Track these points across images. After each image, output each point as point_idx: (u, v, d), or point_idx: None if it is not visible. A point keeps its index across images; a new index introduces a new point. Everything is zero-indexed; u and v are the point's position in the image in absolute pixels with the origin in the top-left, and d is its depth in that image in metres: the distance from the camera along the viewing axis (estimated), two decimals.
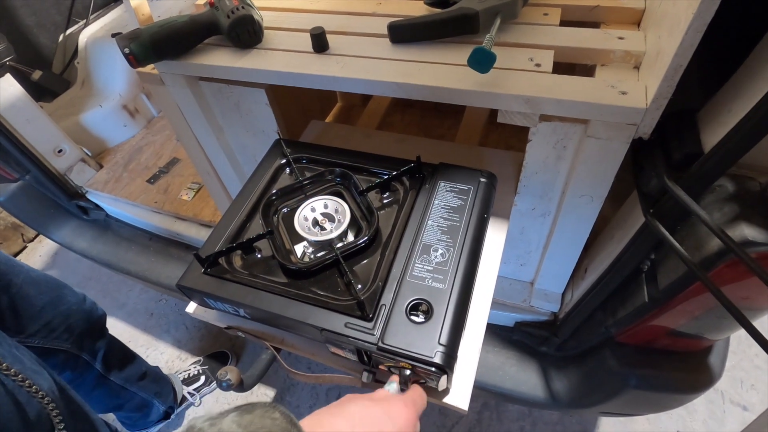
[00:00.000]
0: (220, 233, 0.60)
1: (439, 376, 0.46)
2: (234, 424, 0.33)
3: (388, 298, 0.51)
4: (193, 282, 0.56)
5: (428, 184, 0.62)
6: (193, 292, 0.57)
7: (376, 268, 0.55)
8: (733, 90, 0.53)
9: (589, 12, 0.69)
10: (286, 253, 0.58)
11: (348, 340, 0.48)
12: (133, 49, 0.67)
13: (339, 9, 0.77)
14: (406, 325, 0.49)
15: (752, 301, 0.55)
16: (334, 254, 0.54)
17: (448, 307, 0.50)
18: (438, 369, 0.46)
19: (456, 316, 0.49)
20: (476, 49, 0.54)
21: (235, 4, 0.70)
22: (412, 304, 0.50)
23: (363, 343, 0.48)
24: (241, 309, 0.56)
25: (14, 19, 1.42)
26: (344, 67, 0.64)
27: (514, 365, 0.93)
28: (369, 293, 0.52)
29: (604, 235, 0.80)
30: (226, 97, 0.78)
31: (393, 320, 0.49)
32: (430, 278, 0.52)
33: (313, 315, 0.50)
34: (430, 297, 0.51)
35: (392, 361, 0.48)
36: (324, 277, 0.55)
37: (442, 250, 0.55)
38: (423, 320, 0.49)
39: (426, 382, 0.49)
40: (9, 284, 0.82)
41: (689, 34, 0.43)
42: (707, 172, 0.48)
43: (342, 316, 0.50)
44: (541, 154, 0.64)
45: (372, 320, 0.49)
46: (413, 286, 0.52)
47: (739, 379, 1.32)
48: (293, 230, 0.59)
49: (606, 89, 0.54)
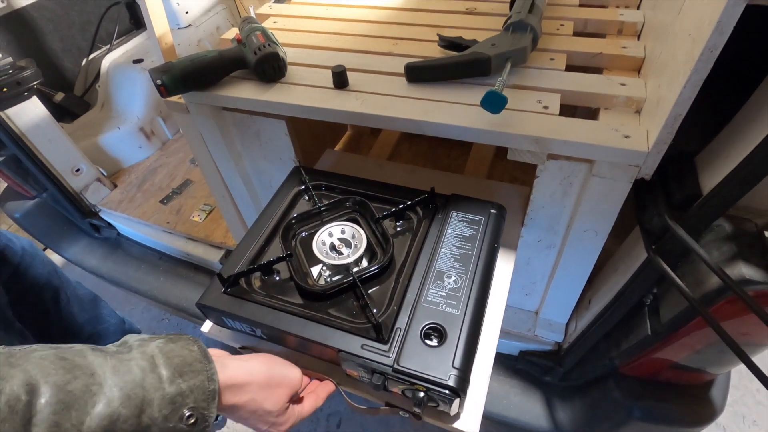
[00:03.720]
0: (240, 254, 0.63)
1: (452, 399, 0.48)
2: (156, 349, 0.39)
3: (403, 322, 0.53)
4: (213, 301, 0.58)
5: (441, 213, 0.65)
6: (212, 311, 0.59)
7: (391, 292, 0.57)
8: (729, 136, 0.57)
9: (592, 58, 0.73)
10: (304, 276, 0.60)
11: (364, 361, 0.50)
12: (165, 80, 0.72)
13: (358, 48, 0.82)
14: (421, 348, 0.50)
15: (752, 337, 0.57)
16: (351, 278, 0.56)
17: (461, 332, 0.51)
18: (452, 392, 0.47)
19: (469, 340, 0.51)
20: (489, 92, 0.58)
21: (261, 42, 0.74)
22: (426, 329, 0.52)
23: (378, 364, 0.49)
24: (258, 329, 0.58)
25: (42, 43, 1.49)
26: (363, 103, 0.69)
27: (519, 394, 0.94)
28: (384, 317, 0.54)
29: (608, 268, 0.83)
30: (247, 126, 0.82)
31: (408, 343, 0.51)
32: (443, 303, 0.54)
33: (330, 336, 0.52)
34: (443, 321, 0.53)
35: (407, 384, 0.50)
36: (340, 300, 0.57)
37: (455, 276, 0.57)
38: (437, 344, 0.51)
39: (438, 405, 0.51)
40: (58, 298, 0.84)
41: (687, 87, 0.47)
42: (706, 213, 0.51)
43: (358, 338, 0.52)
44: (547, 189, 0.67)
45: (387, 343, 0.51)
46: (427, 310, 0.54)
47: (740, 414, 1.32)
48: (311, 254, 0.62)
49: (610, 132, 0.58)
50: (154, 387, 0.37)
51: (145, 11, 0.87)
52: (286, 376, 0.50)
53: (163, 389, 0.37)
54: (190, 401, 0.38)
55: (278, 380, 0.49)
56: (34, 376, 0.32)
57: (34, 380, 0.32)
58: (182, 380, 0.39)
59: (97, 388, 0.34)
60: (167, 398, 0.37)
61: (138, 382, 0.36)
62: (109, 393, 0.35)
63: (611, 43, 0.75)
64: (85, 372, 0.35)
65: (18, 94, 1.14)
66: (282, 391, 0.49)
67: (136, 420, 0.35)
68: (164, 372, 0.38)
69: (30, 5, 1.43)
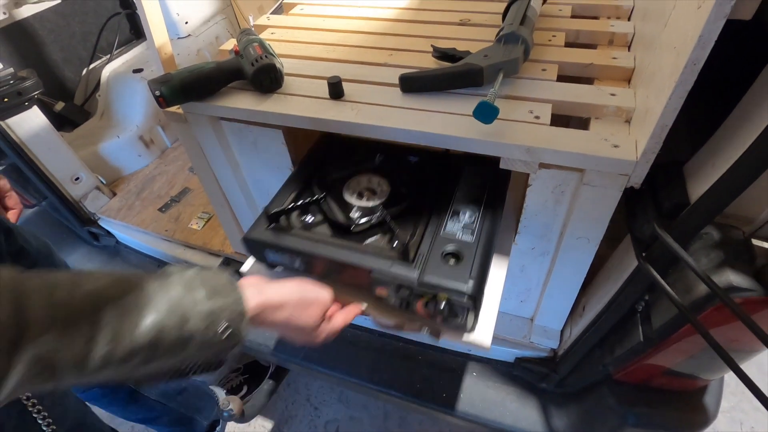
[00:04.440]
0: (282, 198, 0.72)
1: (469, 308, 0.57)
2: (193, 274, 0.46)
3: (425, 248, 0.62)
4: (258, 235, 0.66)
5: (454, 167, 0.75)
6: (257, 244, 0.66)
7: (414, 227, 0.66)
8: (715, 145, 0.58)
9: (583, 69, 0.75)
10: (337, 214, 0.68)
11: (394, 276, 0.59)
12: (164, 91, 0.73)
13: (354, 58, 0.84)
14: (441, 266, 0.59)
15: (741, 344, 0.58)
16: (380, 214, 0.65)
17: (475, 255, 0.60)
18: (469, 298, 0.56)
19: (482, 261, 0.60)
20: (481, 102, 0.59)
21: (258, 53, 0.76)
22: (445, 253, 0.61)
23: (406, 278, 0.58)
24: (297, 259, 0.66)
25: (44, 54, 1.51)
26: (358, 113, 0.70)
27: (515, 401, 0.94)
28: (409, 243, 0.62)
29: (601, 274, 0.84)
30: (244, 135, 0.84)
31: (430, 263, 0.60)
32: (460, 233, 0.64)
33: (363, 259, 0.61)
34: (460, 247, 0.61)
35: (430, 296, 0.58)
36: (371, 234, 0.65)
37: (469, 212, 0.67)
38: (455, 263, 0.60)
39: (457, 318, 0.59)
40: None
41: (672, 99, 0.48)
42: (694, 221, 0.52)
43: (388, 260, 0.60)
44: (540, 198, 0.68)
45: (413, 263, 0.60)
46: (446, 239, 0.63)
47: (738, 420, 1.32)
48: (342, 199, 0.71)
49: (600, 142, 0.59)
50: (193, 303, 0.43)
51: (145, 22, 0.89)
52: (318, 296, 0.57)
53: (200, 306, 0.43)
54: (223, 318, 0.44)
55: (311, 299, 0.56)
56: (98, 296, 0.38)
57: (97, 301, 0.38)
58: (215, 300, 0.44)
59: (147, 302, 0.40)
60: (204, 313, 0.43)
61: (179, 299, 0.42)
62: (156, 307, 0.40)
63: (602, 53, 0.76)
64: (137, 288, 0.41)
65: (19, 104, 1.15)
66: (315, 309, 0.56)
67: (179, 331, 0.41)
68: (200, 292, 0.44)
69: (31, 16, 1.45)
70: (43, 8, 1.47)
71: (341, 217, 0.67)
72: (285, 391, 1.46)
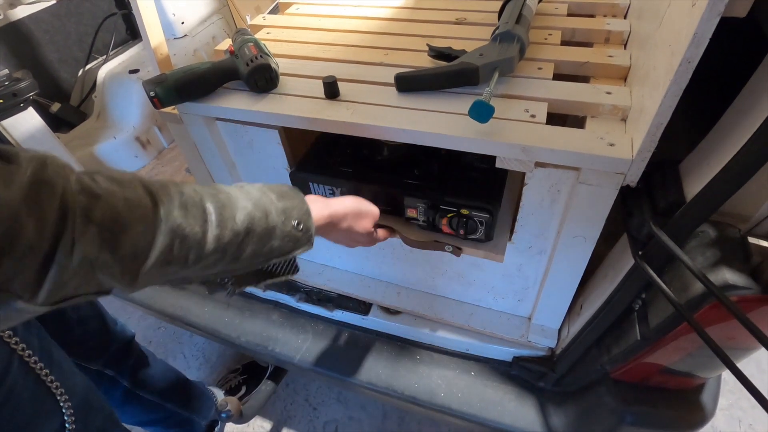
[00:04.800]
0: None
1: (488, 218, 0.71)
2: (262, 183, 0.54)
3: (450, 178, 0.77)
4: (304, 168, 0.83)
5: None
6: (303, 176, 0.83)
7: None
8: (711, 144, 0.58)
9: (579, 67, 0.75)
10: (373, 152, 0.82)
11: (425, 194, 0.74)
12: (158, 92, 0.73)
13: (349, 58, 0.84)
14: (464, 186, 0.74)
15: (737, 342, 0.57)
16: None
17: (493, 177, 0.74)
18: (487, 211, 0.71)
19: (498, 181, 0.74)
20: (476, 102, 0.59)
21: (254, 53, 0.75)
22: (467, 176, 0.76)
23: (433, 195, 0.74)
24: (338, 189, 0.82)
25: (39, 54, 1.50)
26: (354, 113, 0.70)
27: (513, 400, 0.94)
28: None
29: (599, 273, 0.84)
30: (240, 136, 0.83)
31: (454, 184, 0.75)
32: (478, 161, 0.78)
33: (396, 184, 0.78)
34: (480, 174, 0.75)
35: (454, 211, 0.72)
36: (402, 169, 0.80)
37: None
38: (475, 184, 0.73)
39: (477, 231, 0.73)
40: None
41: (667, 97, 0.48)
42: (690, 220, 0.52)
43: (417, 185, 0.76)
44: (536, 196, 0.68)
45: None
46: (466, 164, 0.79)
47: (737, 418, 1.32)
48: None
49: (595, 140, 0.59)
50: (270, 201, 0.51)
51: (140, 22, 0.89)
52: (370, 209, 0.69)
53: (275, 204, 0.51)
54: (295, 214, 0.52)
55: (365, 212, 0.68)
56: (199, 192, 0.45)
57: (200, 194, 0.45)
58: (284, 202, 0.52)
59: (235, 199, 0.48)
60: (279, 209, 0.51)
61: (258, 198, 0.50)
62: (243, 203, 0.48)
63: (598, 51, 0.76)
64: (224, 191, 0.48)
65: (14, 105, 1.15)
66: (368, 220, 0.68)
67: (265, 221, 0.49)
68: (272, 195, 0.52)
69: (27, 17, 1.45)
70: (39, 9, 1.47)
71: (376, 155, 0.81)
72: (283, 392, 1.46)
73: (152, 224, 0.39)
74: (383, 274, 1.03)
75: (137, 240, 0.38)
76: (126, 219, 0.37)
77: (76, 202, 0.35)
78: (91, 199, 0.36)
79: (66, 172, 0.36)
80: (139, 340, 1.65)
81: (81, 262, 0.35)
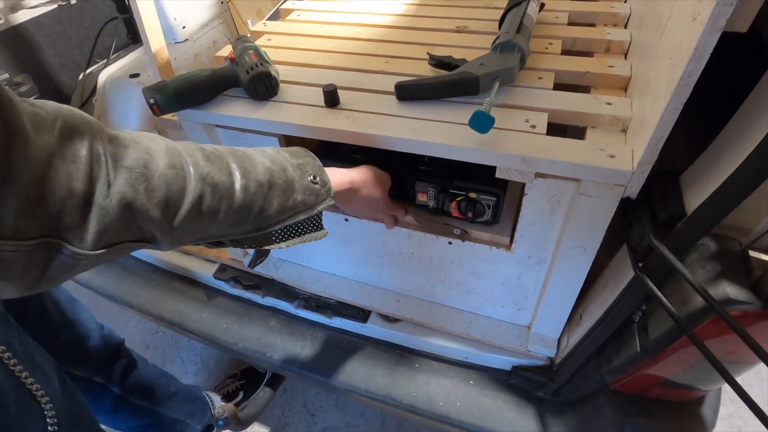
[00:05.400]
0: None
1: (495, 201, 0.73)
2: (271, 146, 0.58)
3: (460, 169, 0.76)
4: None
5: None
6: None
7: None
8: (712, 157, 0.58)
9: (580, 77, 0.74)
10: None
11: (436, 178, 0.76)
12: (158, 100, 0.72)
13: (350, 66, 0.83)
14: (471, 171, 0.73)
15: (737, 356, 0.57)
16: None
17: None
18: (494, 195, 0.73)
19: None
20: (477, 112, 0.59)
21: (254, 61, 0.75)
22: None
23: (443, 181, 0.76)
24: None
25: (40, 59, 1.50)
26: (354, 121, 0.69)
27: (512, 410, 0.94)
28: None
29: (599, 283, 0.83)
30: (240, 142, 0.83)
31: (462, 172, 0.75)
32: None
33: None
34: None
35: (462, 195, 0.75)
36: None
37: None
38: (482, 170, 0.69)
39: (485, 215, 0.75)
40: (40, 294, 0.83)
41: (668, 110, 0.48)
42: (690, 233, 0.52)
43: (428, 172, 0.78)
44: (536, 207, 0.68)
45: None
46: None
47: (737, 427, 1.32)
48: None
49: (596, 152, 0.59)
50: (284, 159, 0.54)
51: (141, 26, 0.89)
52: (383, 175, 0.72)
53: (290, 161, 0.55)
54: (310, 169, 0.56)
55: (380, 180, 0.71)
56: (218, 149, 0.50)
57: (220, 151, 0.50)
58: (297, 159, 0.56)
59: (252, 156, 0.51)
60: (295, 165, 0.55)
61: (274, 155, 0.54)
62: (260, 160, 0.51)
63: (598, 61, 0.76)
64: (240, 150, 0.52)
65: None
66: (383, 187, 0.71)
67: (284, 175, 0.52)
68: (285, 153, 0.56)
69: (28, 21, 1.45)
70: (40, 13, 1.47)
71: None
72: (281, 398, 1.45)
73: (182, 170, 0.42)
74: (382, 281, 1.03)
75: (171, 184, 0.41)
76: (156, 164, 0.41)
77: (106, 149, 0.38)
78: (119, 147, 0.39)
79: (92, 123, 0.39)
80: (136, 344, 1.66)
81: (119, 204, 0.38)
